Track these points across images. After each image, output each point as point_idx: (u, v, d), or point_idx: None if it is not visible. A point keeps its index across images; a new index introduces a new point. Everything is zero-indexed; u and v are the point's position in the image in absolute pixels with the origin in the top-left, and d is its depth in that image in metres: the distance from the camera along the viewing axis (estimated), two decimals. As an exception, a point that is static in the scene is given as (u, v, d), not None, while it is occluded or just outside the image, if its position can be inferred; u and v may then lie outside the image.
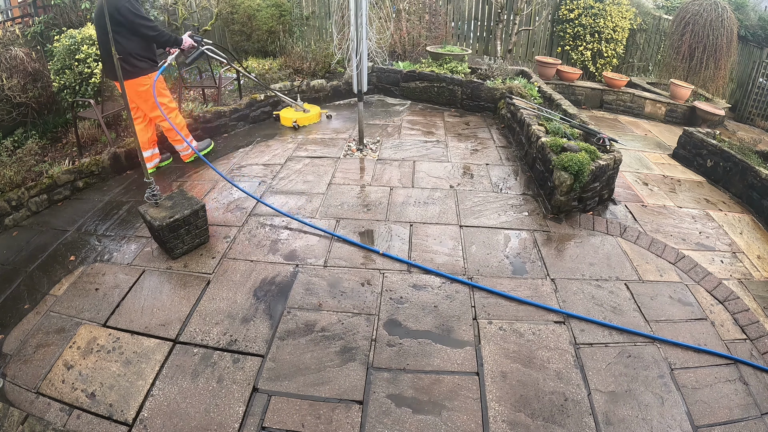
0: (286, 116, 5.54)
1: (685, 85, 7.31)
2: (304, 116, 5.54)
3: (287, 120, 5.52)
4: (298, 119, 5.48)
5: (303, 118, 5.52)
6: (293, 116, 5.50)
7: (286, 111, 5.65)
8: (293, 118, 5.47)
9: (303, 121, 5.53)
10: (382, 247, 3.30)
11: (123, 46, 3.66)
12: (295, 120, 5.45)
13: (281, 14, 7.77)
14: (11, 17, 6.21)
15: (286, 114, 5.59)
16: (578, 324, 2.72)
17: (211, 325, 2.63)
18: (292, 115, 5.54)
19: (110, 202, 3.92)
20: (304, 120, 5.53)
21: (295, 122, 5.45)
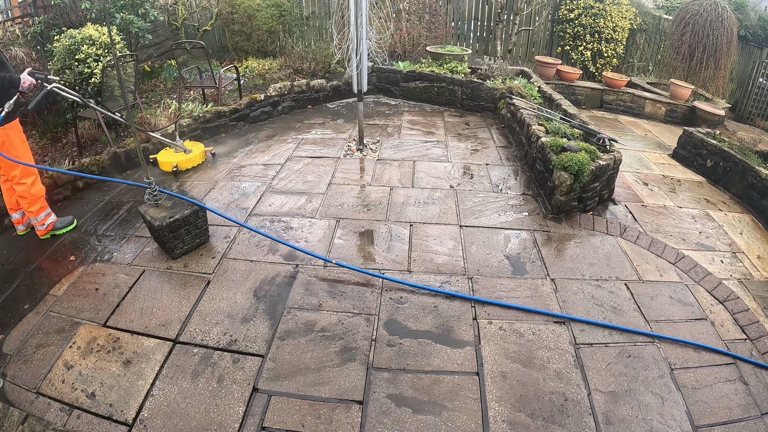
0: (164, 160, 4.48)
1: (685, 85, 7.31)
2: (186, 158, 4.51)
3: (165, 165, 4.48)
4: (179, 163, 4.47)
5: (184, 161, 4.50)
6: (173, 159, 4.47)
7: (164, 153, 4.58)
8: (173, 162, 4.44)
9: (184, 164, 4.51)
10: (382, 247, 3.30)
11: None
12: (175, 164, 4.44)
13: (281, 14, 7.77)
14: (11, 17, 6.21)
15: (163, 157, 4.51)
16: (578, 324, 2.72)
17: (211, 325, 2.63)
18: (171, 158, 4.49)
19: (110, 202, 3.92)
20: (185, 163, 4.51)
21: (174, 167, 4.43)
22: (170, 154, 4.55)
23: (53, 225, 3.48)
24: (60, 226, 3.53)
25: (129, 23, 5.64)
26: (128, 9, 5.87)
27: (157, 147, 4.65)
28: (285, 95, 6.07)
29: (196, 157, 4.62)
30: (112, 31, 4.09)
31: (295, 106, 6.24)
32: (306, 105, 6.33)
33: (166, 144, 4.56)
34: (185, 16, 7.53)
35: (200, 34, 7.75)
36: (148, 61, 7.08)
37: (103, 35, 4.92)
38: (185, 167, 4.53)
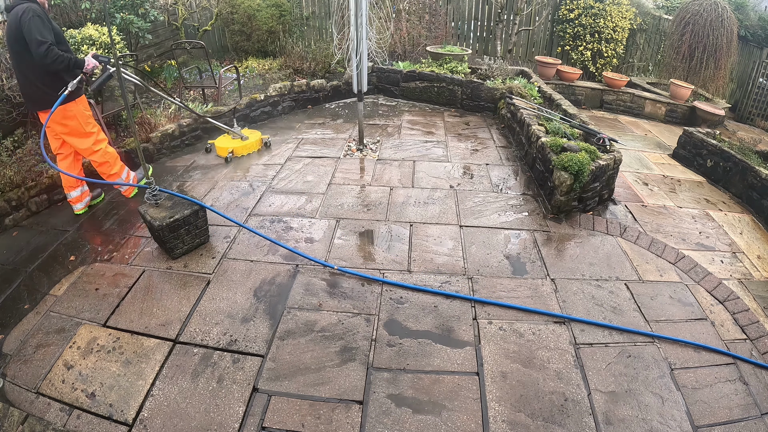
0: (221, 146, 4.69)
1: (685, 85, 7.31)
2: (242, 145, 4.73)
3: (222, 150, 4.68)
4: (235, 149, 4.68)
5: (240, 147, 4.73)
6: (229, 145, 4.67)
7: (222, 140, 4.81)
8: (228, 148, 4.64)
9: (240, 151, 4.74)
10: (382, 247, 3.30)
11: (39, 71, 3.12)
12: (231, 150, 4.65)
13: (281, 14, 7.77)
14: (11, 17, 6.20)
15: (221, 143, 4.73)
16: (578, 324, 2.72)
17: (211, 325, 2.63)
18: (228, 143, 4.70)
19: (110, 202, 3.92)
20: (241, 149, 4.74)
21: (230, 152, 4.64)
22: (227, 140, 4.77)
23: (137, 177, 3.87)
24: (140, 176, 3.99)
25: (129, 23, 5.64)
26: (128, 9, 5.87)
27: (156, 147, 4.65)
28: (285, 95, 6.07)
29: (253, 144, 4.82)
30: (112, 31, 4.10)
31: (295, 106, 6.24)
32: (306, 105, 6.33)
33: (224, 130, 4.80)
34: (185, 16, 7.53)
35: (200, 34, 7.75)
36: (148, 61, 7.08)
37: (103, 35, 4.92)
38: (240, 153, 4.75)
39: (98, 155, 3.55)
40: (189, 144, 5.02)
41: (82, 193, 3.69)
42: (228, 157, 4.61)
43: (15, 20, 3.00)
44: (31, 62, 3.10)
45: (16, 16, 2.99)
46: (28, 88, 3.24)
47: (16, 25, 2.99)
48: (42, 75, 3.16)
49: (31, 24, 2.95)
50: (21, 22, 2.97)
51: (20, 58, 3.14)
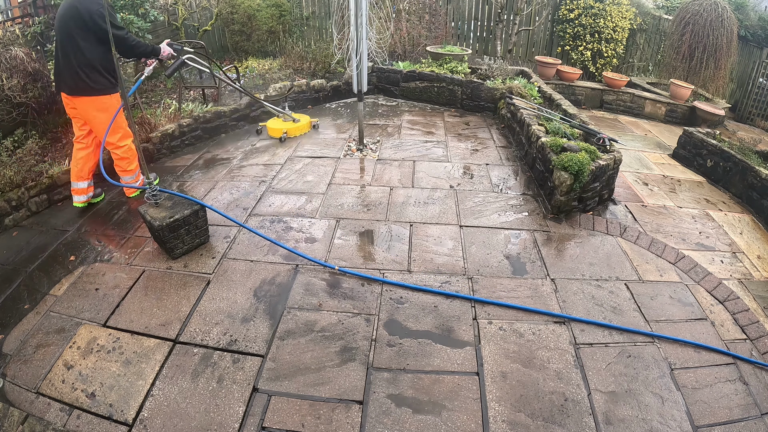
0: (275, 127, 5.21)
1: (685, 85, 7.31)
2: (294, 126, 5.25)
3: (276, 131, 5.19)
4: (288, 130, 5.19)
5: (293, 129, 5.24)
6: (282, 126, 5.19)
7: (273, 122, 5.31)
8: (282, 129, 5.16)
9: (293, 132, 5.25)
10: (382, 247, 3.30)
11: (88, 57, 3.23)
12: (285, 131, 5.16)
13: (281, 14, 7.77)
14: (11, 17, 6.21)
15: (273, 125, 5.24)
16: (578, 324, 2.72)
17: (211, 325, 2.63)
18: (281, 125, 5.22)
19: (110, 202, 3.92)
20: (294, 131, 5.25)
21: (284, 133, 5.16)
22: (279, 122, 5.26)
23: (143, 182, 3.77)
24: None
25: (129, 23, 5.64)
26: (128, 9, 5.87)
27: (156, 147, 4.65)
28: (285, 95, 6.06)
29: (304, 126, 5.36)
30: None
31: (295, 106, 6.23)
32: (306, 105, 6.33)
33: (275, 113, 5.29)
34: (185, 16, 7.54)
35: (200, 34, 7.75)
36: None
37: (103, 35, 4.92)
38: (293, 134, 5.26)
39: (122, 150, 3.66)
40: (189, 144, 5.02)
41: (89, 186, 3.73)
42: (282, 137, 5.13)
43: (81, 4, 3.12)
44: (81, 49, 3.20)
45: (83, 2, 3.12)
46: (68, 72, 3.29)
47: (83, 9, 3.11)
48: (87, 64, 3.25)
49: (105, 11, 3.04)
50: (90, 8, 3.11)
51: (72, 42, 3.21)
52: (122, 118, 3.59)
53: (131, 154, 3.72)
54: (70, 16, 3.17)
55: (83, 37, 3.19)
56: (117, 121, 3.51)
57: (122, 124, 3.60)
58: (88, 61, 3.25)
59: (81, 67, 3.25)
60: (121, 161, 3.73)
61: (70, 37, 3.21)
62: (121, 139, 3.63)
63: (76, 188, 3.69)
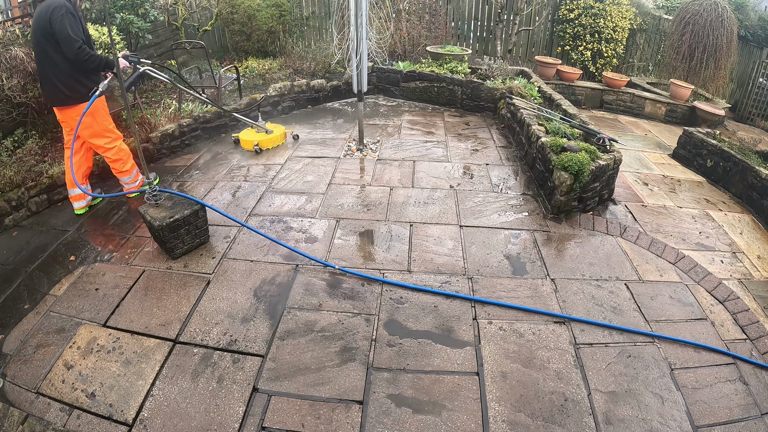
0: (246, 139, 4.85)
1: (685, 85, 7.31)
2: (267, 138, 4.88)
3: (247, 143, 4.85)
4: (260, 141, 4.84)
5: (265, 140, 4.87)
6: (254, 138, 4.83)
7: (246, 133, 4.95)
8: (254, 141, 4.80)
9: (265, 144, 4.88)
10: (382, 247, 3.30)
11: (60, 67, 3.13)
12: (257, 143, 4.81)
13: (281, 14, 7.77)
14: (11, 17, 6.21)
15: (246, 136, 4.89)
16: (578, 324, 2.72)
17: (211, 325, 2.63)
18: (253, 137, 4.86)
19: (110, 202, 3.92)
20: (266, 143, 4.88)
21: (256, 145, 4.80)
22: (252, 134, 4.91)
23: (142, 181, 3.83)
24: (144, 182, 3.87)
25: (129, 23, 5.64)
26: (128, 9, 5.87)
27: (156, 147, 4.65)
28: (285, 95, 6.07)
29: (277, 138, 4.98)
30: (112, 31, 4.10)
31: (295, 106, 6.24)
32: (306, 105, 6.33)
33: (248, 124, 4.92)
34: (185, 16, 7.54)
35: (200, 34, 7.75)
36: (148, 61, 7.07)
37: (103, 35, 4.92)
38: (266, 146, 4.90)
39: (112, 152, 3.62)
40: (189, 144, 5.02)
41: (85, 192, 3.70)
42: (255, 149, 4.82)
43: (45, 13, 3.03)
44: (53, 58, 3.14)
45: (47, 10, 3.02)
46: (46, 83, 3.26)
47: (46, 18, 3.02)
48: (61, 73, 3.18)
49: (64, 21, 2.98)
50: (51, 18, 3.00)
51: (43, 53, 3.16)
52: (108, 120, 3.53)
53: (123, 154, 3.69)
54: (38, 27, 3.08)
55: (53, 47, 3.10)
56: (103, 123, 3.46)
57: (108, 127, 3.53)
58: (63, 71, 3.16)
59: (56, 77, 3.17)
60: (114, 163, 3.70)
61: (41, 48, 3.13)
62: (110, 141, 3.58)
63: (73, 195, 3.68)
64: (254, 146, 4.81)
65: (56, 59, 3.14)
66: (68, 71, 3.19)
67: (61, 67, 3.16)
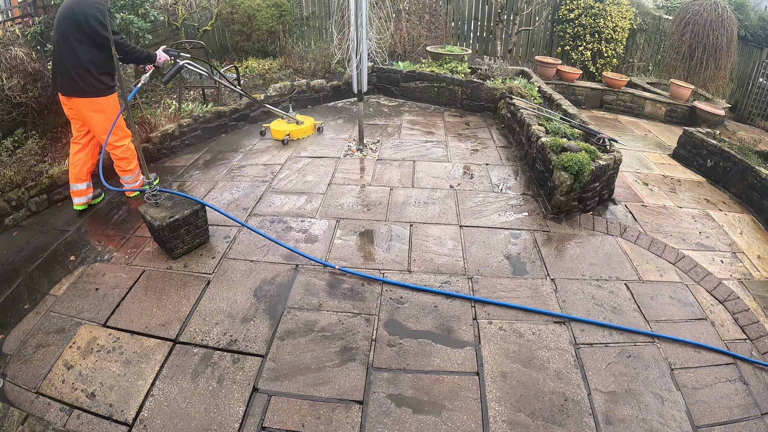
0: (278, 129, 5.07)
1: (685, 85, 7.31)
2: (298, 128, 5.12)
3: (278, 133, 5.06)
4: (291, 132, 5.08)
5: (296, 131, 5.12)
6: (285, 129, 5.06)
7: (277, 123, 5.18)
8: (285, 131, 5.03)
9: (296, 134, 5.13)
10: (382, 247, 3.30)
11: (81, 59, 3.23)
12: (288, 133, 5.04)
13: (281, 14, 7.76)
14: (11, 17, 6.21)
15: (277, 126, 5.11)
16: (578, 324, 2.72)
17: (211, 325, 2.63)
18: (284, 127, 5.10)
19: (110, 202, 3.92)
20: (297, 133, 5.13)
21: (287, 135, 5.02)
22: (283, 124, 5.12)
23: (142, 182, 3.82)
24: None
25: (129, 23, 5.64)
26: (128, 9, 5.87)
27: (156, 147, 4.65)
28: (285, 95, 6.07)
29: (307, 129, 5.22)
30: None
31: (295, 106, 6.22)
32: (306, 105, 6.33)
33: (279, 115, 5.15)
34: (185, 16, 7.53)
35: (200, 34, 7.75)
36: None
37: (103, 35, 4.92)
38: (296, 137, 5.13)
39: (120, 150, 3.66)
40: (189, 144, 5.02)
41: (88, 187, 3.71)
42: (285, 139, 5.00)
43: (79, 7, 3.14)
44: (77, 52, 3.22)
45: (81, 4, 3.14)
46: (62, 72, 3.31)
47: (81, 11, 3.13)
48: (80, 67, 3.25)
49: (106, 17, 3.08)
50: (87, 11, 3.13)
51: (67, 43, 3.23)
52: (120, 119, 3.59)
53: (130, 154, 3.73)
54: (67, 17, 3.20)
55: (78, 39, 3.21)
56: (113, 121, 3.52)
57: (120, 125, 3.60)
58: (81, 63, 3.25)
59: (74, 69, 3.26)
60: (120, 161, 3.73)
61: (65, 38, 3.23)
62: (119, 139, 3.63)
63: (75, 190, 3.68)
64: (285, 136, 4.99)
65: (79, 51, 3.23)
66: (86, 65, 3.26)
67: (81, 60, 3.24)
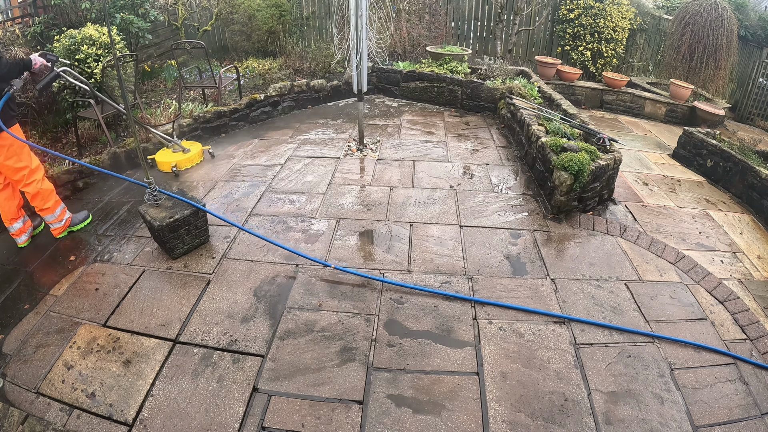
0: (163, 160, 4.42)
1: (685, 85, 7.31)
2: (185, 157, 4.51)
3: (164, 165, 4.41)
4: (178, 162, 4.45)
5: (184, 160, 4.50)
6: (171, 159, 4.43)
7: (161, 154, 4.53)
8: (171, 162, 4.40)
9: (183, 164, 4.50)
10: (382, 247, 3.30)
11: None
12: (174, 164, 4.41)
13: (281, 14, 7.76)
14: (11, 17, 6.21)
15: (162, 158, 4.45)
16: (578, 324, 2.72)
17: (211, 325, 2.63)
18: (170, 158, 4.45)
19: (110, 202, 3.92)
20: (184, 162, 4.51)
21: (174, 167, 4.39)
22: (168, 154, 4.51)
23: (70, 220, 3.45)
24: (76, 221, 3.50)
25: (129, 23, 5.64)
26: (128, 9, 5.87)
27: (156, 147, 4.65)
28: (285, 95, 6.07)
29: (195, 156, 4.61)
30: (112, 31, 4.10)
31: (295, 106, 6.24)
32: (306, 105, 6.33)
33: (165, 143, 4.54)
34: (185, 16, 7.54)
35: (200, 34, 7.75)
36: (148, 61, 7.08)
37: (103, 35, 4.93)
38: (184, 167, 4.52)
39: (31, 187, 3.17)
40: (189, 144, 5.02)
41: (24, 224, 3.34)
42: (173, 170, 4.40)
43: None
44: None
45: None
46: None
47: None
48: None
49: None
50: None
51: None
52: (27, 152, 3.12)
53: (44, 191, 3.23)
54: None
55: None
56: (20, 155, 3.05)
57: (27, 158, 3.10)
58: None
59: None
60: (34, 200, 3.23)
61: None
62: (28, 175, 3.12)
63: (13, 231, 3.30)
64: (172, 167, 4.39)
65: None
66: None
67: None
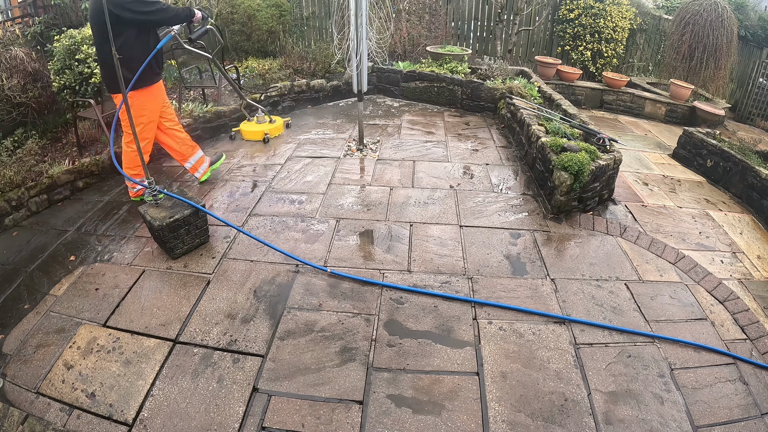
0: (253, 130, 5.01)
1: (685, 85, 7.31)
2: (273, 127, 5.12)
3: (256, 134, 4.99)
4: (270, 130, 5.02)
5: (274, 129, 5.11)
6: (263, 128, 5.01)
7: (248, 124, 5.10)
8: (264, 131, 4.98)
9: (274, 132, 5.13)
10: (382, 247, 3.30)
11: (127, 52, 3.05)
12: (267, 132, 4.98)
13: (281, 14, 7.76)
14: (11, 17, 6.22)
15: (249, 128, 5.04)
16: (578, 324, 2.72)
17: (211, 325, 2.63)
18: (262, 127, 5.04)
19: (110, 202, 3.92)
20: (275, 131, 5.13)
21: (266, 134, 4.97)
22: (254, 125, 5.10)
23: None
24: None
25: (129, 23, 5.63)
26: (128, 9, 5.86)
27: (156, 147, 4.64)
28: (285, 95, 6.07)
29: (280, 127, 5.30)
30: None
31: (295, 106, 6.23)
32: (306, 105, 6.33)
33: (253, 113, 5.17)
34: (185, 16, 7.52)
35: (200, 34, 7.73)
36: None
37: (103, 35, 4.92)
38: (274, 134, 5.17)
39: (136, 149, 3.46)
40: (189, 144, 5.01)
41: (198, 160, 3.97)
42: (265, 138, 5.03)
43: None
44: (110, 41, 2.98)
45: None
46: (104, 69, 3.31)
47: None
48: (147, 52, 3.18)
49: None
50: None
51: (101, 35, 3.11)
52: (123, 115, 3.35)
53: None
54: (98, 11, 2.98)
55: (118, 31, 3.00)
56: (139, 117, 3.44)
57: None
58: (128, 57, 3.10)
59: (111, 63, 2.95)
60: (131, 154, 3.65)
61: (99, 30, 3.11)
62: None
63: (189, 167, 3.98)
64: (264, 136, 5.01)
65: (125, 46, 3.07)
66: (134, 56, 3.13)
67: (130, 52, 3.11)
